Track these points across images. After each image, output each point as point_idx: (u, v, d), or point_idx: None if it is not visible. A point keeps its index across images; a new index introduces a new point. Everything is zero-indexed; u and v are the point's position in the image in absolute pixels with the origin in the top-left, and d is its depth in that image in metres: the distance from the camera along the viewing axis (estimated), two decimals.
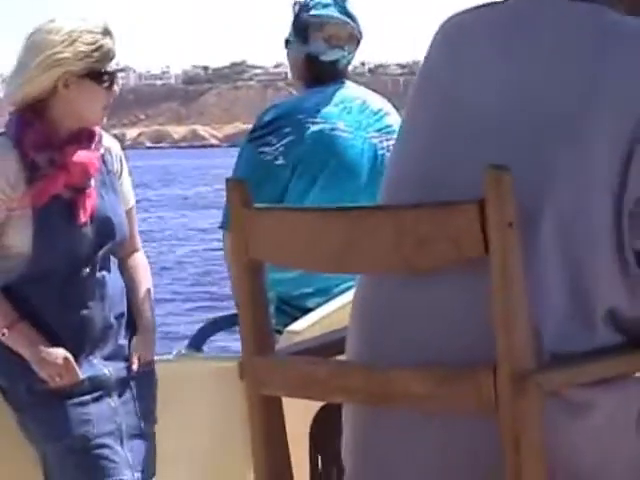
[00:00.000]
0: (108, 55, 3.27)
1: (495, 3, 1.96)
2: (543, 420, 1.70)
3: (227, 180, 3.61)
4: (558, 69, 1.83)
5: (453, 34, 1.99)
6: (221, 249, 3.90)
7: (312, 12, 3.73)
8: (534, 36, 1.88)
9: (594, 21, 1.84)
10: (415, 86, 2.02)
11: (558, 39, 1.85)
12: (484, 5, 1.97)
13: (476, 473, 1.78)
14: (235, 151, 3.96)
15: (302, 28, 3.74)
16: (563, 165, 1.77)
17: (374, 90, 4.01)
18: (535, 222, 1.75)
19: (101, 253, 3.29)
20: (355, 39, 3.77)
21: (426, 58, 2.01)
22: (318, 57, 3.72)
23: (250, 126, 3.84)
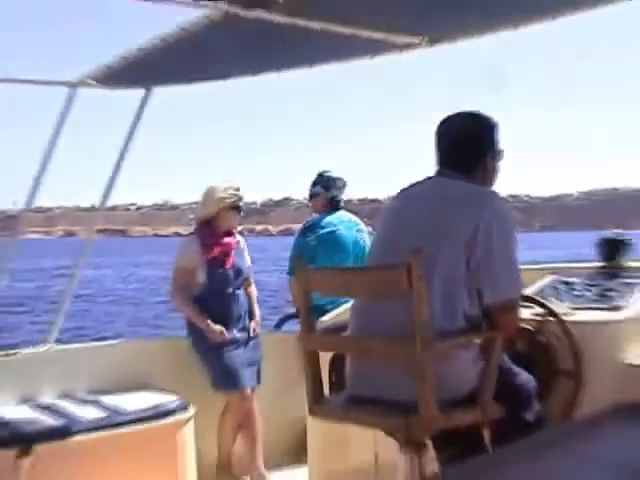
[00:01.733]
0: (240, 198, 3.32)
1: (420, 182, 1.97)
2: (435, 361, 1.68)
3: (295, 257, 3.46)
4: (449, 211, 1.84)
5: (402, 194, 1.99)
6: None
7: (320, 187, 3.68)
8: (441, 198, 1.89)
9: (469, 190, 1.87)
10: (384, 211, 2.01)
11: (454, 199, 1.87)
12: (417, 183, 1.98)
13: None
14: (283, 237, 3.75)
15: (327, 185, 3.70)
16: (444, 250, 1.78)
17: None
18: (431, 275, 1.74)
19: (236, 283, 3.26)
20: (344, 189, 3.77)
21: (391, 201, 2.01)
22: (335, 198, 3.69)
23: (290, 226, 3.69)
